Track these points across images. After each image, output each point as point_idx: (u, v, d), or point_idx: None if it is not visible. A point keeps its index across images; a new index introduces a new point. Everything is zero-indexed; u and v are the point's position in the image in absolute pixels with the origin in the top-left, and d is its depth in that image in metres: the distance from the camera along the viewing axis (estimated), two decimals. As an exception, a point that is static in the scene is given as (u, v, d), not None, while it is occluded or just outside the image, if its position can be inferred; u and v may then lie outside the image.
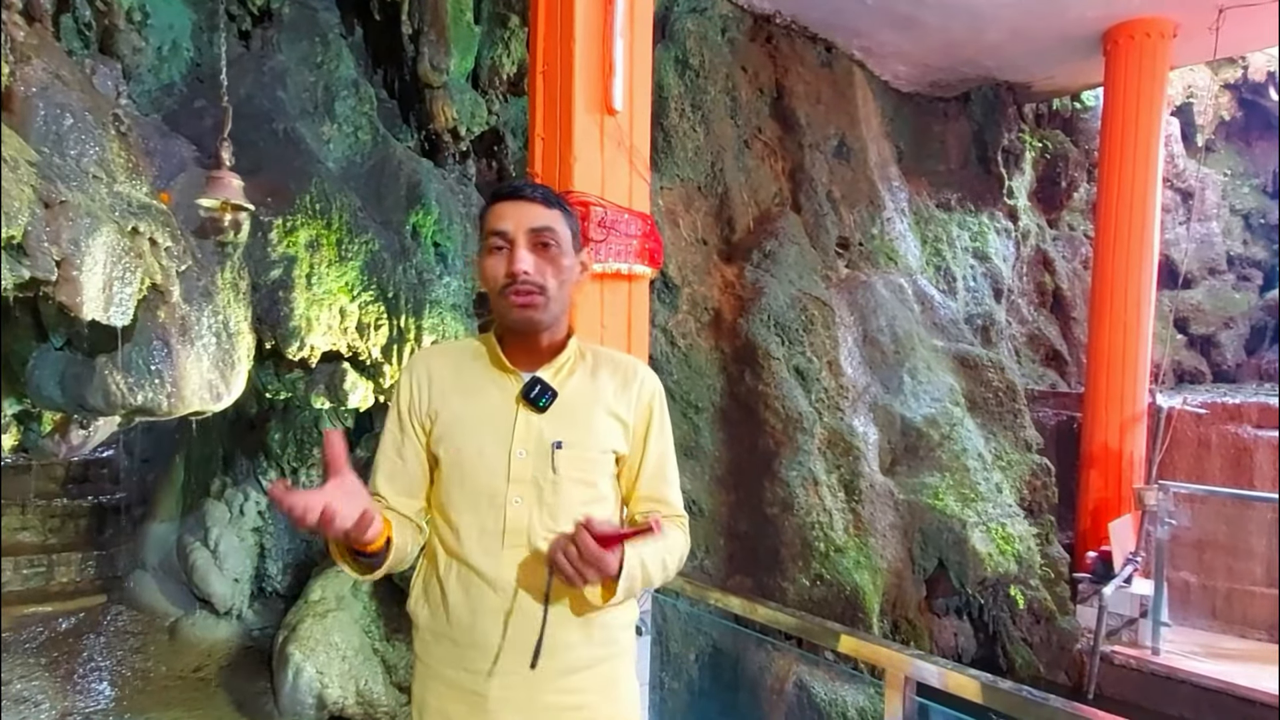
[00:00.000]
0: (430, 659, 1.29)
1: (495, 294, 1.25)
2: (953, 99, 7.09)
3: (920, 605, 4.71)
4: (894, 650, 1.92)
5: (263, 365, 3.40)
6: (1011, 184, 7.24)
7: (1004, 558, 4.80)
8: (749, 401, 4.66)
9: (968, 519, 4.72)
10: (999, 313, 6.79)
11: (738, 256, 5.17)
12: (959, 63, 6.37)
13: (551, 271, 1.25)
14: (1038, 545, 5.15)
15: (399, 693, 4.08)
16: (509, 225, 1.24)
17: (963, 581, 4.68)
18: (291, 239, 3.12)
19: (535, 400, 1.24)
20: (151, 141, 2.83)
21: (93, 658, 4.46)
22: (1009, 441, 5.49)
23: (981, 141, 7.11)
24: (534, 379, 1.26)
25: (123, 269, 2.40)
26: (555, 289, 1.25)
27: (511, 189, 1.29)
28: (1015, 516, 5.08)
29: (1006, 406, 5.58)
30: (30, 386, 2.80)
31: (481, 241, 1.29)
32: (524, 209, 1.25)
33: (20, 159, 2.19)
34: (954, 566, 4.68)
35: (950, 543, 4.67)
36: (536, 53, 2.87)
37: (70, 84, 2.44)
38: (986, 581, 4.74)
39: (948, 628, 4.87)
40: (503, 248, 1.24)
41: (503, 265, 1.23)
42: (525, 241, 1.23)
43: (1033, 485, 5.45)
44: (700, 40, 5.16)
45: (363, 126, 3.66)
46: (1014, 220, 7.31)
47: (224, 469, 5.07)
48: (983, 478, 5.06)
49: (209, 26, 3.18)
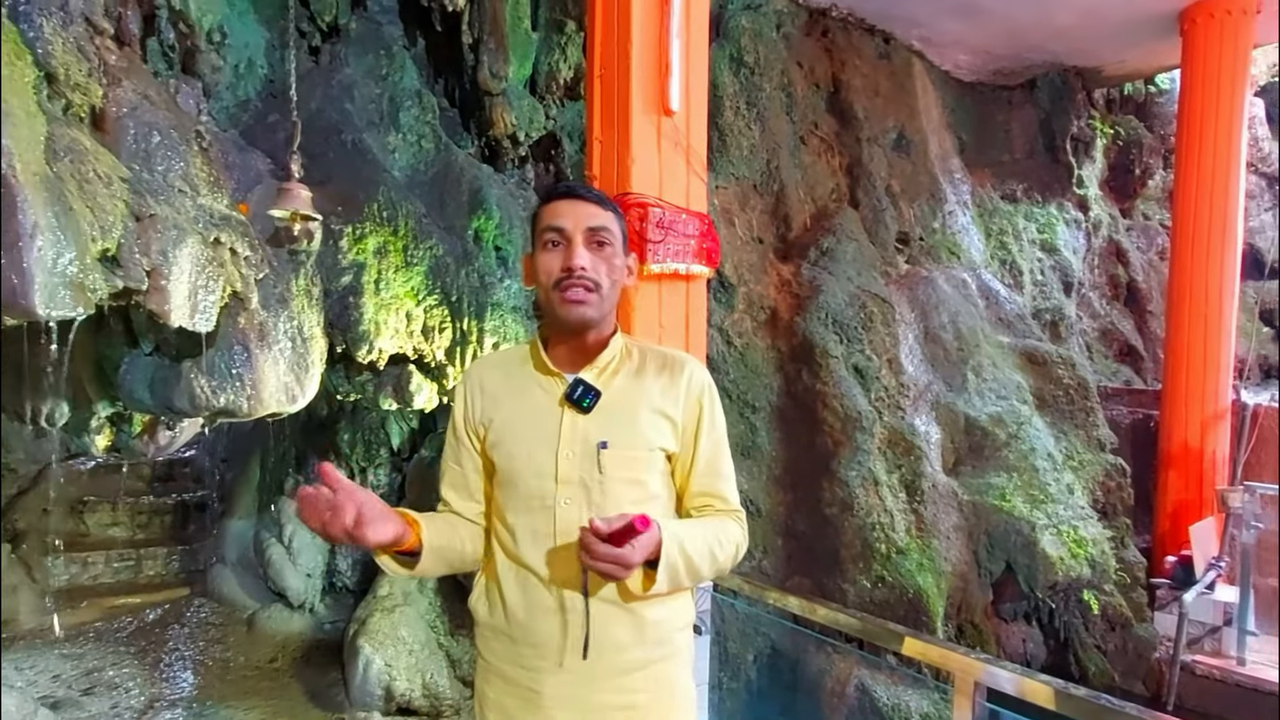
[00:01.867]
0: (490, 655, 1.32)
1: (547, 289, 1.27)
2: (1017, 87, 6.86)
3: (986, 610, 4.58)
4: (964, 654, 1.88)
5: (334, 368, 3.54)
6: (1081, 173, 6.97)
7: (1076, 561, 4.63)
8: (806, 400, 4.61)
9: (1037, 521, 4.57)
10: (1069, 307, 6.55)
11: (794, 254, 5.12)
12: (1024, 49, 6.16)
13: (606, 270, 1.28)
14: (1112, 549, 4.95)
15: (463, 686, 4.18)
16: (567, 223, 1.26)
17: (1032, 586, 4.53)
18: (360, 246, 3.24)
19: (579, 401, 1.26)
20: (230, 156, 2.98)
21: (177, 647, 4.68)
22: (1081, 441, 5.30)
23: (1049, 130, 6.85)
24: (577, 380, 1.28)
25: (206, 278, 2.54)
26: (608, 288, 1.28)
27: (567, 188, 1.31)
28: (1088, 519, 4.90)
29: (1078, 404, 5.38)
30: (122, 390, 2.98)
31: (533, 239, 1.31)
32: (581, 208, 1.27)
33: (114, 175, 2.33)
34: (1022, 570, 4.54)
35: (1018, 545, 4.53)
36: (594, 56, 2.90)
37: (157, 103, 2.59)
38: (1057, 586, 4.58)
39: (1015, 633, 4.72)
40: (559, 244, 1.26)
41: (558, 260, 1.25)
42: (582, 239, 1.25)
43: (1107, 486, 5.24)
44: (755, 37, 5.13)
45: (426, 135, 3.77)
46: (1084, 210, 7.03)
47: (296, 468, 5.28)
48: (1053, 478, 4.89)
49: (281, 44, 3.32)
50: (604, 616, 1.24)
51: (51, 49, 2.20)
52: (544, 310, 1.32)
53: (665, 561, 1.18)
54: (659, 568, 1.18)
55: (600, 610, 1.24)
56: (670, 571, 1.20)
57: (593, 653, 1.23)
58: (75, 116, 2.32)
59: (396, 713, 4.01)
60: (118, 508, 5.59)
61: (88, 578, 5.21)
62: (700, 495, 1.36)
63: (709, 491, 1.36)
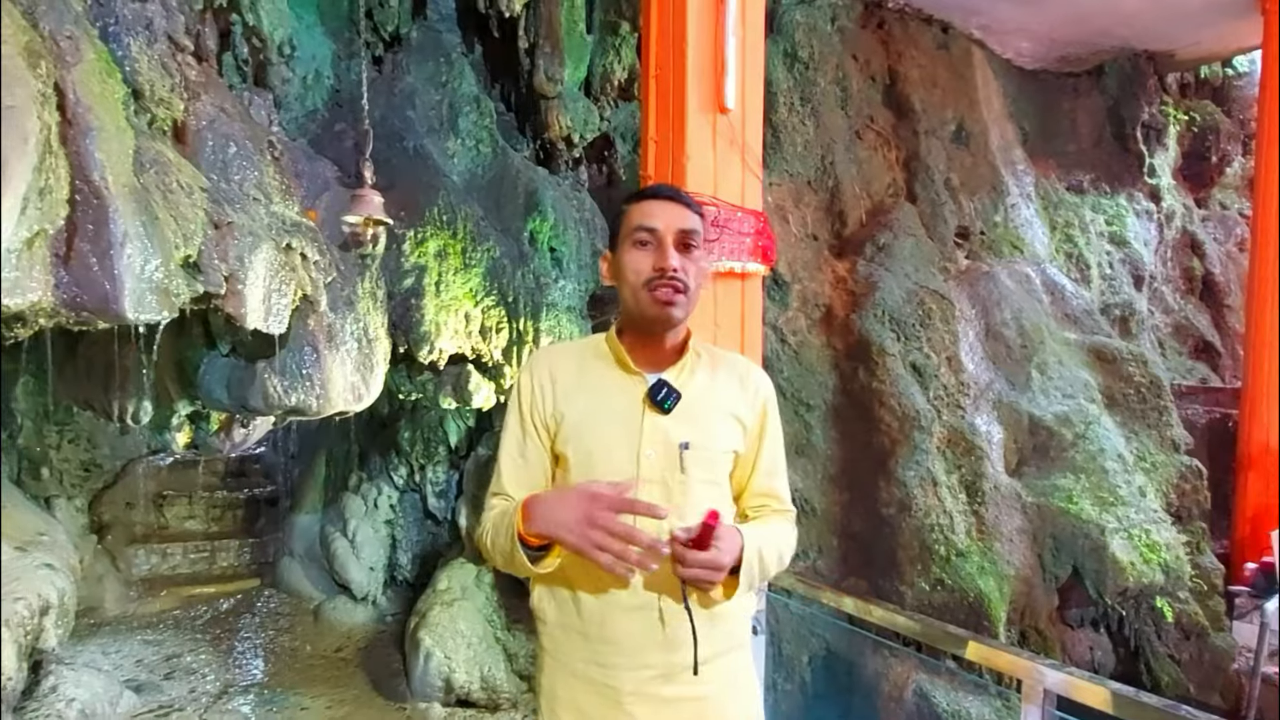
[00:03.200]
0: (559, 653, 1.32)
1: (635, 288, 1.27)
2: (1083, 73, 6.61)
3: (1051, 615, 4.44)
4: (1032, 660, 1.84)
5: (396, 368, 3.64)
6: (1153, 161, 6.68)
7: (1148, 567, 4.45)
8: (862, 399, 4.54)
9: (1106, 524, 4.41)
10: (1140, 302, 6.29)
11: (849, 251, 5.05)
12: (1090, 34, 5.93)
13: (694, 272, 1.29)
14: (1187, 554, 4.75)
15: (519, 680, 4.24)
16: (659, 223, 1.27)
17: (1100, 591, 4.38)
18: (422, 249, 3.33)
19: (661, 402, 1.26)
20: (299, 164, 3.10)
21: (249, 635, 4.88)
22: (1153, 441, 5.09)
23: (1117, 117, 6.59)
24: (660, 381, 1.28)
25: (279, 282, 2.65)
26: (694, 290, 1.29)
27: (660, 190, 1.33)
28: (1161, 523, 4.71)
29: (1150, 403, 5.17)
30: (201, 389, 3.13)
31: (621, 237, 1.31)
32: (674, 210, 1.29)
33: (194, 185, 2.45)
34: (1090, 575, 4.39)
35: (1086, 549, 4.38)
36: (649, 57, 2.92)
37: (233, 116, 2.71)
38: (1128, 592, 4.41)
39: (1082, 641, 4.57)
40: (649, 243, 1.27)
41: (649, 260, 1.26)
42: (674, 240, 1.26)
43: (1181, 489, 5.02)
44: (809, 32, 5.08)
45: (483, 139, 3.86)
46: (1156, 201, 6.75)
47: (360, 465, 5.44)
48: (1123, 480, 4.71)
49: (347, 55, 3.45)
50: (674, 612, 1.25)
51: (138, 66, 2.32)
52: (626, 308, 1.32)
53: (745, 568, 1.21)
54: (740, 574, 1.21)
55: (670, 606, 1.25)
56: (749, 577, 1.23)
57: (670, 649, 1.25)
58: (159, 130, 2.45)
59: (456, 704, 4.08)
60: (194, 501, 5.85)
61: (167, 568, 5.47)
62: (759, 495, 1.39)
63: (768, 492, 1.39)
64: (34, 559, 3.20)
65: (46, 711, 3.23)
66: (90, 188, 2.01)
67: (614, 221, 1.35)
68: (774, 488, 1.40)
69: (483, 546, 1.34)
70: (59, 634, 3.16)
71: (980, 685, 3.45)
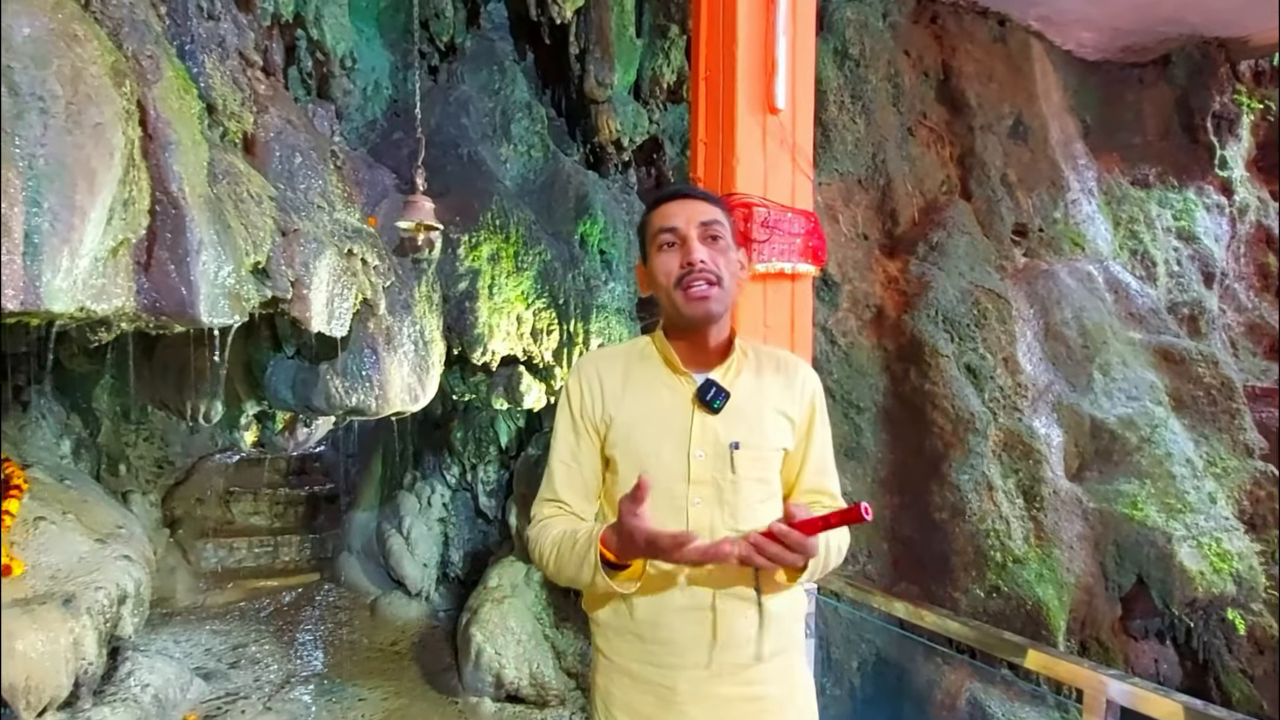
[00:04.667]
0: (613, 654, 1.32)
1: (669, 290, 1.27)
2: (1149, 63, 6.35)
3: (1114, 626, 4.30)
4: (1095, 670, 1.79)
5: (450, 369, 3.73)
6: (1224, 153, 6.38)
7: (1219, 577, 4.27)
8: (915, 401, 4.47)
9: (1173, 532, 4.24)
10: (1210, 300, 6.02)
11: (901, 250, 4.97)
12: (1156, 22, 5.70)
13: (724, 263, 1.28)
14: (1261, 564, 4.53)
15: (567, 677, 4.29)
16: (679, 221, 1.27)
17: (1167, 602, 4.22)
18: (476, 253, 3.41)
19: (710, 402, 1.26)
20: (360, 173, 3.21)
21: (309, 627, 5.04)
22: (1224, 445, 4.87)
23: (1186, 108, 6.32)
24: (708, 381, 1.27)
25: (341, 286, 2.75)
26: (728, 281, 1.28)
27: (674, 190, 1.33)
28: (1233, 530, 4.50)
29: (1221, 406, 4.95)
30: (268, 390, 3.26)
31: (647, 245, 1.32)
32: (690, 205, 1.29)
33: (263, 195, 2.56)
34: (1156, 584, 4.23)
35: (1152, 558, 4.23)
36: (698, 58, 2.92)
37: (298, 127, 2.82)
38: (1196, 603, 4.24)
39: (1147, 652, 4.40)
40: (674, 244, 1.27)
41: (676, 259, 1.26)
42: (696, 234, 1.26)
43: (1255, 496, 4.80)
44: (860, 28, 5.01)
45: (535, 145, 3.93)
46: (1228, 194, 6.44)
47: (414, 464, 5.58)
48: (1192, 486, 4.53)
49: (404, 65, 3.55)
50: (732, 611, 1.25)
51: (212, 82, 2.44)
52: (666, 312, 1.32)
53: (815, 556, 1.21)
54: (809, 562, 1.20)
55: (728, 605, 1.25)
56: (811, 567, 1.23)
57: (722, 648, 1.25)
58: (230, 142, 2.56)
59: (505, 699, 4.15)
60: (259, 498, 6.08)
61: (233, 561, 5.70)
62: (810, 492, 1.37)
63: (817, 488, 1.38)
64: (113, 550, 3.37)
65: (123, 695, 3.40)
66: (169, 198, 2.12)
67: (639, 234, 1.36)
68: (825, 484, 1.39)
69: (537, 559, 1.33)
70: (135, 622, 3.32)
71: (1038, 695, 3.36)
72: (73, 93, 1.82)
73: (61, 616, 2.81)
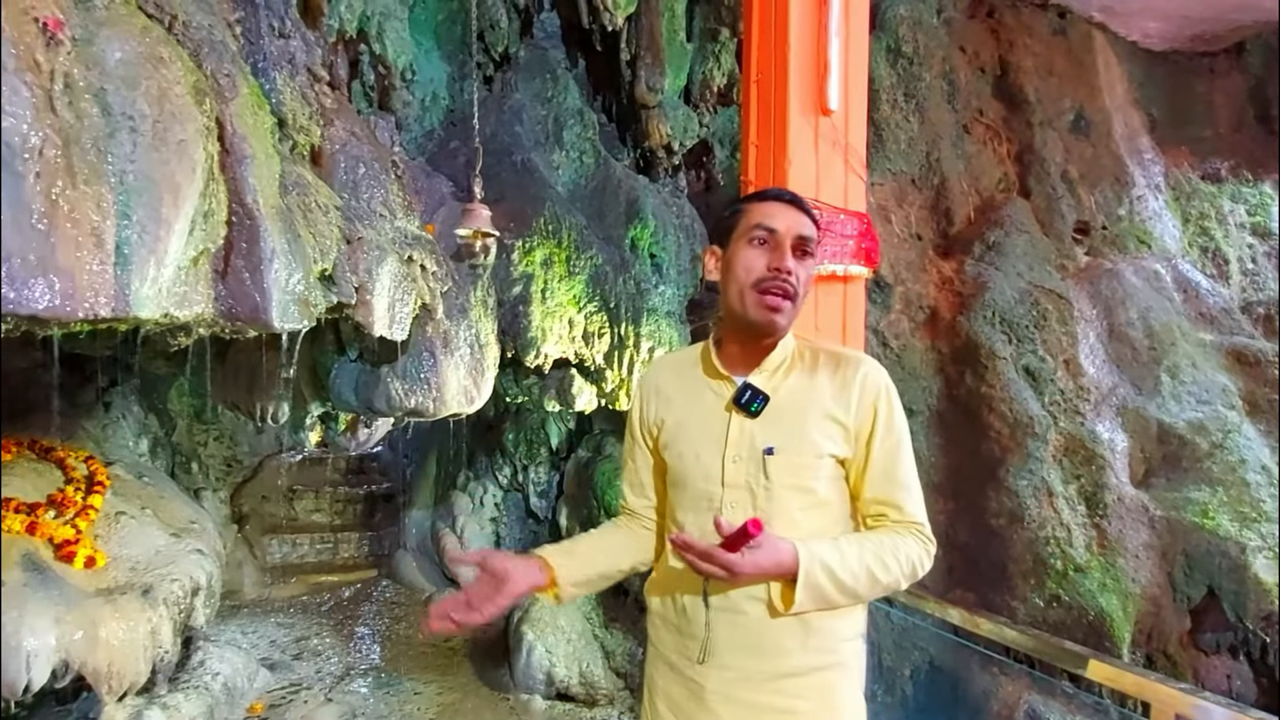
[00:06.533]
0: (658, 643, 1.38)
1: (744, 286, 1.25)
2: (1220, 53, 6.09)
3: (1183, 639, 4.13)
4: (1163, 683, 1.74)
5: (504, 372, 3.81)
6: (1303, 145, 6.08)
7: (1298, 590, 4.08)
8: (970, 404, 4.38)
9: (1248, 542, 4.06)
10: (1287, 299, 5.74)
11: (956, 250, 4.88)
12: (1227, 9, 5.47)
13: (804, 279, 1.27)
14: (1345, 578, 4.31)
15: (616, 677, 4.32)
16: (780, 225, 1.25)
17: (1240, 615, 4.04)
18: (529, 258, 3.48)
19: (746, 405, 1.25)
20: (419, 181, 3.31)
21: (367, 622, 5.18)
22: (1304, 452, 4.64)
23: (1261, 98, 6.03)
24: (745, 384, 1.27)
25: (402, 292, 2.84)
26: (801, 298, 1.27)
27: (783, 193, 1.31)
28: (1313, 542, 4.29)
29: (1300, 410, 4.72)
30: (332, 392, 3.38)
31: (734, 233, 1.29)
32: (795, 215, 1.27)
33: (329, 204, 2.66)
34: (1228, 596, 4.05)
35: (1224, 569, 4.05)
36: (750, 61, 2.92)
37: (361, 139, 2.93)
38: (1272, 617, 4.05)
39: (1218, 667, 4.22)
40: (765, 243, 1.25)
41: (764, 259, 1.24)
42: (791, 244, 1.25)
43: (1338, 505, 4.56)
44: (914, 26, 4.94)
45: (586, 151, 3.99)
46: (1307, 188, 6.14)
47: (468, 465, 5.70)
48: (1268, 494, 4.33)
49: (460, 76, 3.65)
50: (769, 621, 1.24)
51: (282, 98, 2.56)
52: (729, 308, 1.30)
53: (805, 581, 1.17)
54: (797, 587, 1.17)
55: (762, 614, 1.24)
56: (811, 591, 1.18)
57: (755, 655, 1.25)
58: (299, 154, 2.68)
59: (556, 697, 4.20)
60: (320, 496, 6.27)
61: (296, 556, 5.90)
62: (874, 503, 1.30)
63: (883, 500, 1.29)
64: (186, 544, 3.53)
65: (195, 683, 3.56)
66: (244, 210, 2.23)
67: (726, 219, 1.33)
68: (890, 496, 1.28)
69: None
70: (206, 614, 3.47)
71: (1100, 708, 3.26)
72: (159, 111, 1.93)
73: (140, 606, 2.95)
